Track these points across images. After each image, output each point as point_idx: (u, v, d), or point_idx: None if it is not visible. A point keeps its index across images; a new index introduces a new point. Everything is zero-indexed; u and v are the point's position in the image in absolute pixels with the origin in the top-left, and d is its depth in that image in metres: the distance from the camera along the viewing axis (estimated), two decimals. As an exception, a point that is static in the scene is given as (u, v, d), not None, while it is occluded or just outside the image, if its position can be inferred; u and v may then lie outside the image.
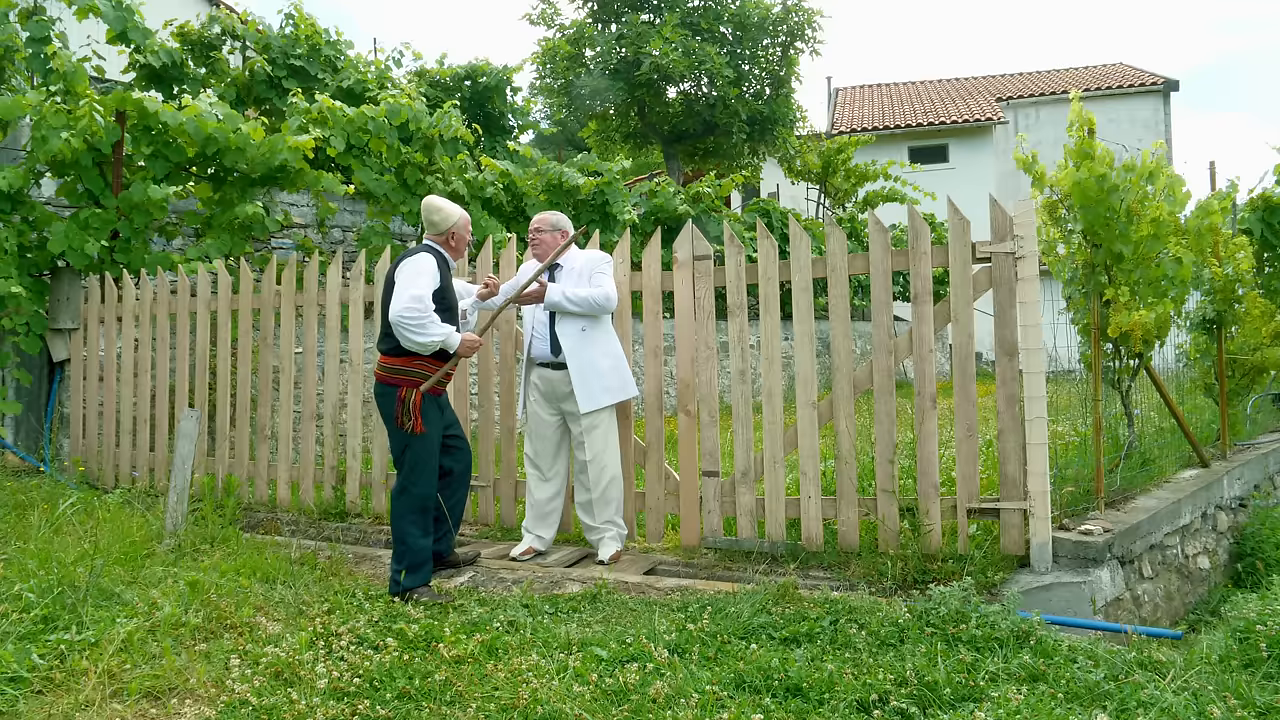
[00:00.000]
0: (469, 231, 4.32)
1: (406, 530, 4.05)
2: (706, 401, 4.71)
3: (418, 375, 4.08)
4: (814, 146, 17.07)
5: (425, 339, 3.92)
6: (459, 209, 4.31)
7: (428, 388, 4.03)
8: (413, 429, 4.04)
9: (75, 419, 6.78)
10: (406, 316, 3.89)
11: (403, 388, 4.07)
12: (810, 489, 4.48)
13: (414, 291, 3.94)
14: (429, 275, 4.04)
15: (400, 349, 4.09)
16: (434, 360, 4.10)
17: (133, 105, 6.95)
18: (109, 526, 4.85)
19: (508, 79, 12.19)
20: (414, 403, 4.03)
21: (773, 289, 4.64)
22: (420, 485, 4.07)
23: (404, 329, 3.92)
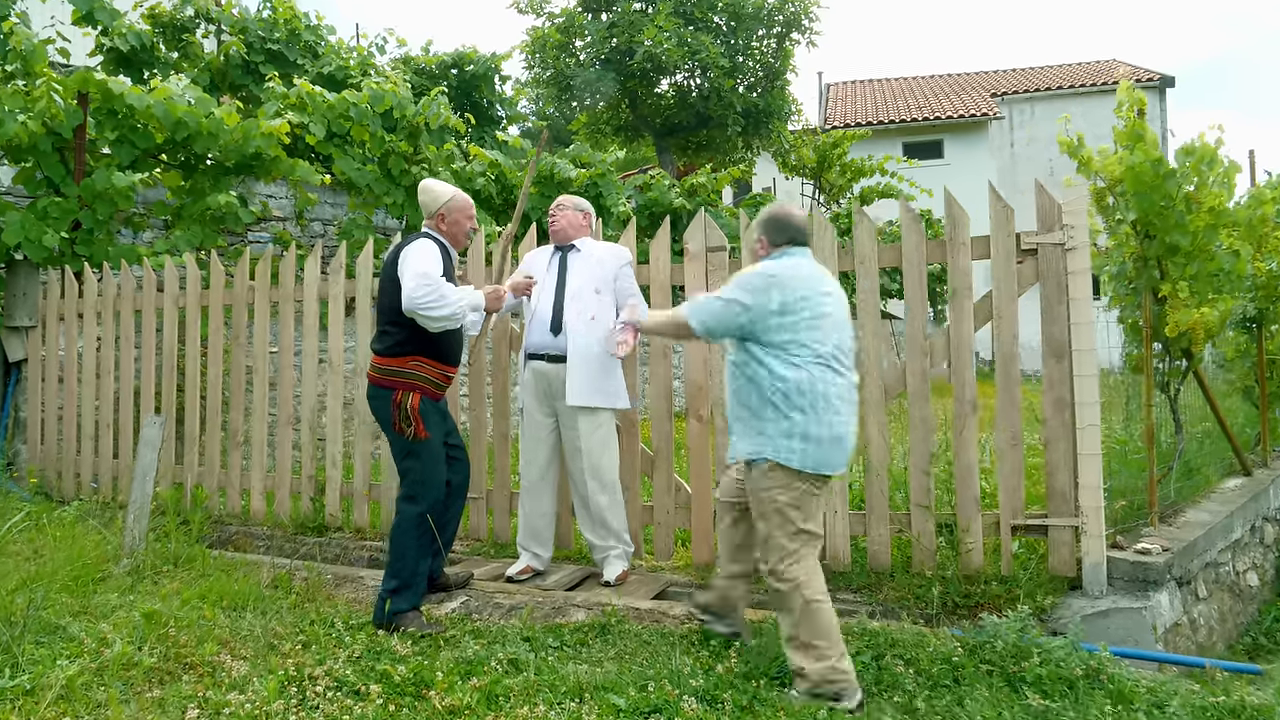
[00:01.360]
0: (467, 214, 3.88)
1: (408, 546, 3.62)
2: (721, 406, 4.29)
3: (414, 377, 3.67)
4: (809, 141, 16.67)
5: (448, 310, 3.52)
6: (451, 188, 3.89)
7: (461, 361, 3.73)
8: (414, 435, 3.62)
9: (33, 423, 6.30)
10: (418, 296, 3.48)
11: (398, 391, 3.65)
12: (836, 503, 4.07)
13: (418, 269, 3.54)
14: (435, 259, 3.64)
15: (395, 348, 3.68)
16: (432, 360, 3.68)
17: (96, 87, 6.46)
18: (61, 545, 4.39)
19: (496, 67, 11.73)
20: (412, 406, 3.61)
21: (795, 283, 4.22)
22: (429, 495, 3.66)
23: (421, 310, 3.50)
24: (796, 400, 2.90)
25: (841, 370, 3.00)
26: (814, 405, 2.90)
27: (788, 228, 3.17)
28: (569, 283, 4.20)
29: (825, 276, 3.13)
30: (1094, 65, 25.98)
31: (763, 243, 3.21)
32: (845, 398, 2.99)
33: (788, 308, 2.95)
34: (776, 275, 3.00)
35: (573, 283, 4.18)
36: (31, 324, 6.31)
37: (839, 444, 2.94)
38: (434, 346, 3.68)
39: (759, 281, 3.00)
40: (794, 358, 2.93)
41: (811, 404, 2.90)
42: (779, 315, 2.94)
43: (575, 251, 4.28)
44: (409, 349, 3.67)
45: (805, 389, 2.90)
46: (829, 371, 2.96)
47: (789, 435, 2.90)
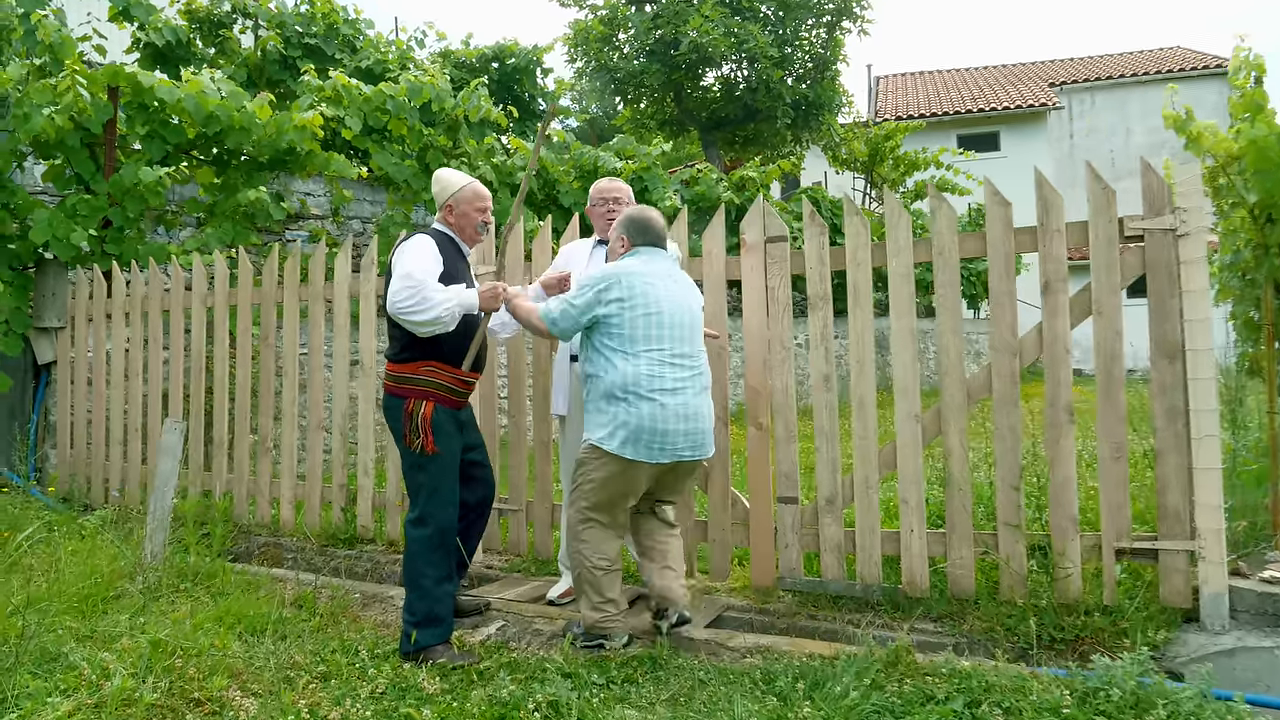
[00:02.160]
0: (478, 204, 3.51)
1: (421, 571, 3.30)
2: (782, 412, 3.90)
3: (427, 384, 3.33)
4: (860, 134, 16.11)
5: (433, 313, 3.16)
6: (464, 177, 3.54)
7: (468, 365, 3.34)
8: (422, 448, 3.29)
9: (62, 427, 6.10)
10: (399, 301, 3.16)
11: (410, 399, 3.31)
12: (913, 520, 3.65)
13: (403, 269, 3.21)
14: (426, 257, 3.29)
15: (404, 353, 3.36)
16: (446, 365, 3.34)
17: (126, 80, 6.24)
18: (77, 559, 4.13)
19: (537, 60, 11.41)
20: (423, 416, 3.28)
21: (864, 276, 3.81)
22: (439, 516, 3.32)
23: (403, 315, 3.18)
24: (624, 391, 3.15)
25: (676, 363, 3.23)
26: (639, 396, 3.14)
27: (648, 230, 3.39)
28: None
29: (672, 275, 3.35)
30: (1157, 53, 24.98)
31: (624, 241, 3.42)
32: (678, 389, 3.20)
33: (624, 304, 3.19)
34: (615, 273, 3.23)
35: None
36: (60, 325, 6.12)
37: (662, 436, 3.16)
38: (447, 350, 3.32)
39: (597, 280, 3.22)
40: (627, 351, 3.18)
41: (638, 395, 3.14)
42: (617, 312, 3.19)
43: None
44: (418, 353, 3.33)
45: (634, 381, 3.15)
46: (664, 366, 3.19)
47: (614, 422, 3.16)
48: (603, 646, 3.25)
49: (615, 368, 3.19)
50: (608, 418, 3.19)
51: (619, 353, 3.20)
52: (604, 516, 3.29)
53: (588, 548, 3.29)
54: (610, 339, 3.22)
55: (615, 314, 3.20)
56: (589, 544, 3.29)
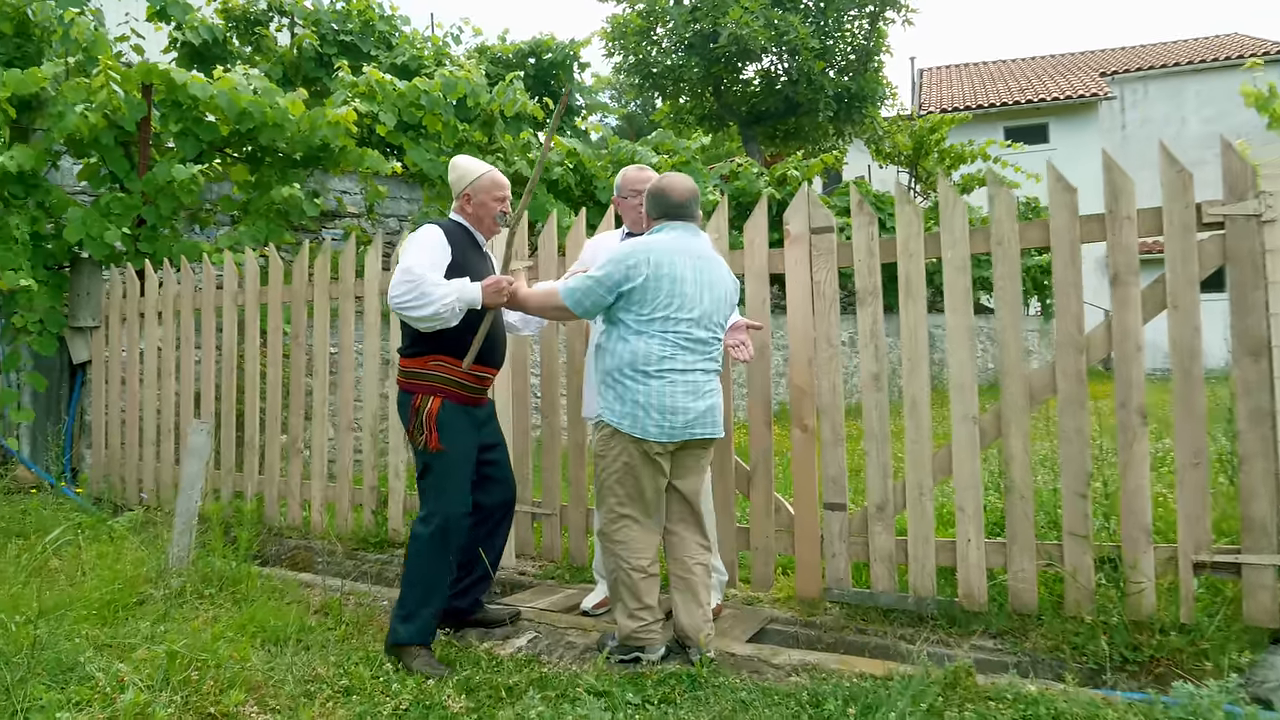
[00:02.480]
0: (496, 194, 3.33)
1: (415, 572, 3.17)
2: (829, 413, 3.68)
3: (435, 379, 3.19)
4: (904, 126, 15.72)
5: (431, 308, 3.01)
6: (482, 165, 3.38)
7: (468, 364, 3.14)
8: (426, 445, 3.15)
9: (97, 427, 6.07)
10: (396, 295, 3.02)
11: (418, 395, 3.19)
12: (970, 530, 3.41)
13: (405, 263, 3.08)
14: (430, 248, 3.14)
15: (413, 348, 3.23)
16: (456, 360, 3.18)
17: (159, 77, 6.20)
18: (103, 563, 4.05)
19: (574, 54, 11.26)
20: (429, 413, 3.14)
21: (917, 268, 3.57)
22: (442, 516, 3.16)
23: (402, 310, 3.05)
24: (633, 369, 3.01)
25: (691, 348, 3.07)
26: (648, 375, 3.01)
27: (662, 202, 3.18)
28: None
29: (702, 254, 3.14)
30: (1213, 40, 24.16)
31: (647, 220, 3.25)
32: (688, 370, 3.06)
33: (647, 280, 3.00)
34: (642, 247, 3.04)
35: None
36: (95, 324, 6.09)
37: (671, 413, 3.02)
38: (455, 343, 3.16)
39: (624, 254, 3.04)
40: (642, 329, 3.02)
41: (646, 374, 3.01)
42: (640, 286, 3.00)
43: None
44: (426, 348, 3.19)
45: (644, 359, 3.01)
46: (677, 348, 3.03)
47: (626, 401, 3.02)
48: (638, 659, 3.09)
49: (627, 343, 3.04)
50: (614, 395, 3.05)
51: (633, 329, 3.04)
52: (637, 510, 3.10)
53: (624, 549, 3.09)
54: (627, 313, 3.04)
55: (637, 289, 3.01)
56: (625, 544, 3.09)
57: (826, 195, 13.57)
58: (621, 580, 3.10)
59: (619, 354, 3.05)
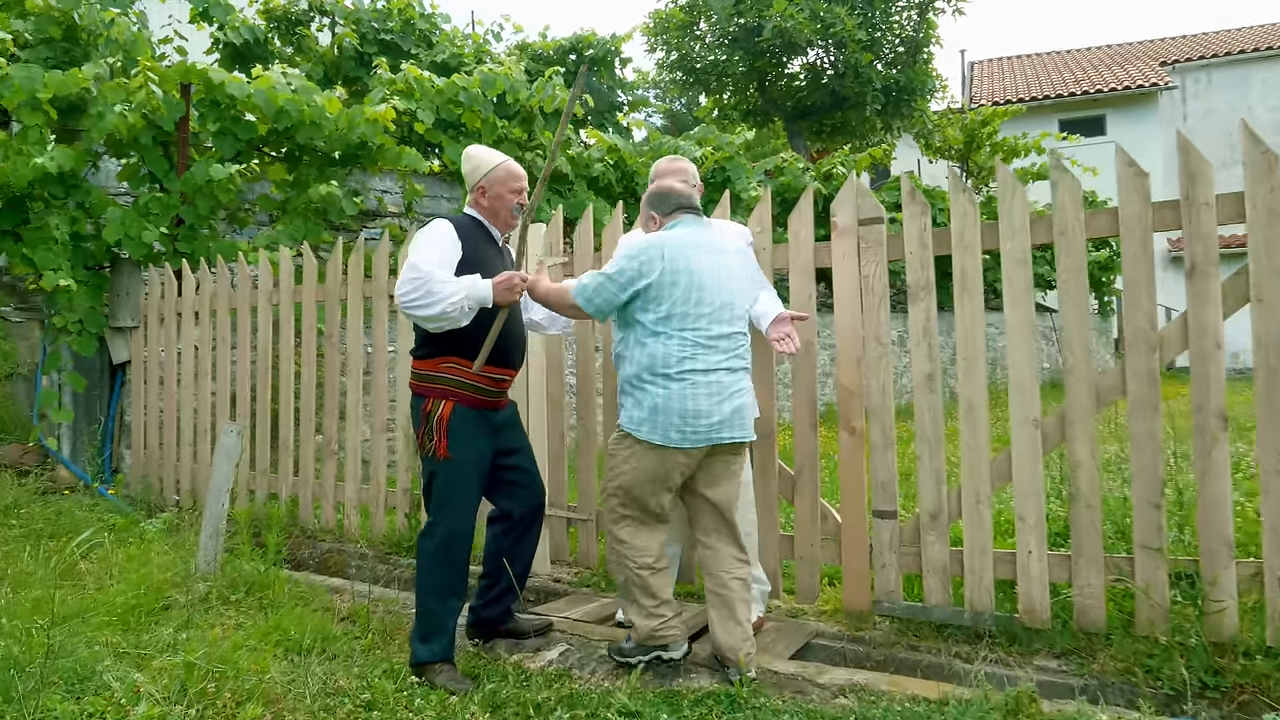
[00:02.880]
0: (513, 185, 3.15)
1: (425, 585, 3.04)
2: (879, 415, 3.46)
3: (447, 382, 3.04)
4: (955, 119, 15.31)
5: (438, 308, 2.86)
6: (497, 155, 3.21)
7: (479, 365, 2.97)
8: (434, 452, 3.00)
9: (136, 428, 6.06)
10: (402, 294, 2.88)
11: (429, 399, 3.04)
12: (1031, 540, 3.18)
13: (412, 260, 2.93)
14: (439, 243, 2.99)
15: (424, 349, 3.09)
16: (469, 362, 3.02)
17: (197, 77, 6.18)
18: (132, 566, 3.98)
19: (616, 50, 11.10)
20: (439, 417, 2.99)
21: (973, 261, 3.34)
22: (447, 527, 3.02)
23: (408, 310, 2.91)
24: (652, 373, 2.87)
25: (713, 345, 2.92)
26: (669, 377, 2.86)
27: (669, 200, 3.08)
28: None
29: (714, 246, 3.01)
30: (1277, 27, 23.22)
31: (654, 219, 3.11)
32: (711, 370, 2.91)
33: (664, 278, 2.86)
34: (658, 243, 2.89)
35: None
36: (134, 324, 6.08)
37: (694, 417, 2.87)
38: (468, 344, 3.00)
39: (638, 250, 2.90)
40: (659, 329, 2.87)
41: (667, 376, 2.86)
42: (656, 284, 2.86)
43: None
44: (437, 348, 3.04)
45: (664, 362, 2.86)
46: (698, 348, 2.89)
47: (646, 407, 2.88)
48: (659, 659, 2.97)
49: (644, 346, 2.89)
50: (633, 401, 2.92)
51: (649, 330, 2.89)
52: (637, 511, 2.98)
53: (628, 548, 2.98)
54: (644, 314, 2.89)
55: (653, 285, 2.86)
56: (629, 544, 2.98)
57: (875, 190, 13.24)
58: (632, 581, 2.98)
59: (636, 359, 2.91)
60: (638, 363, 2.91)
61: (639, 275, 2.87)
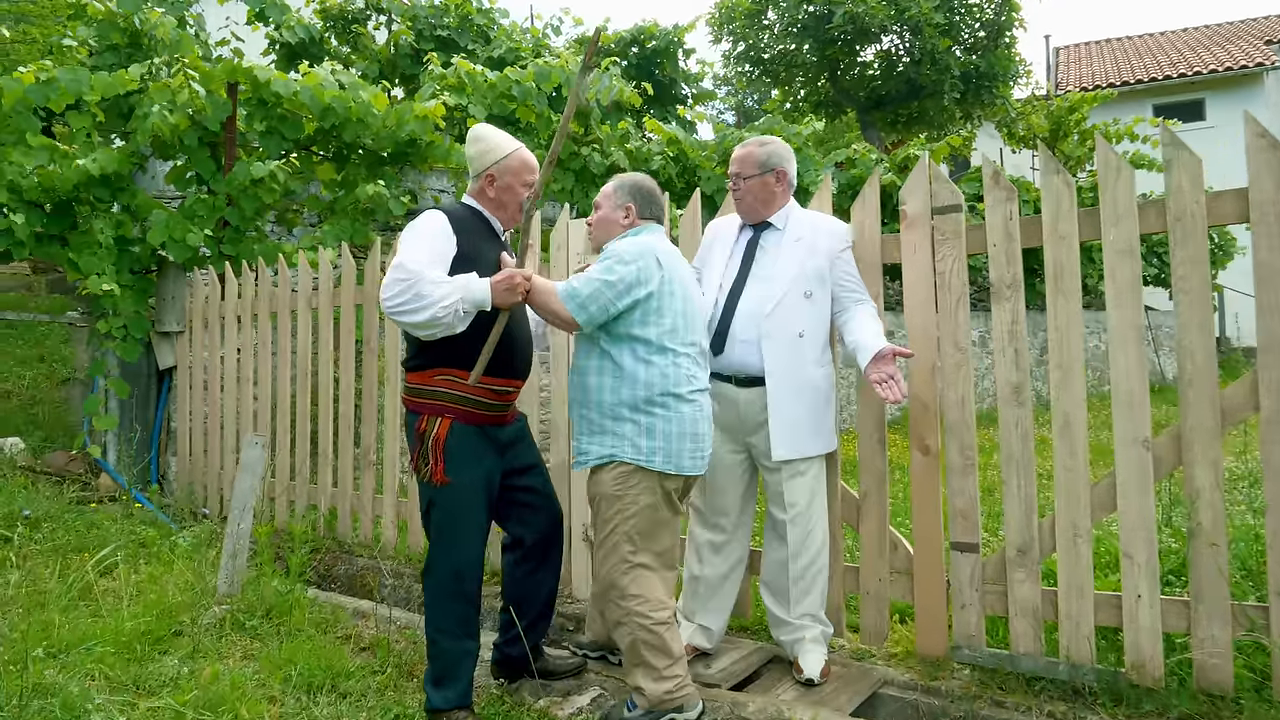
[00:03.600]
0: (526, 177, 2.80)
1: (434, 625, 2.71)
2: (957, 432, 3.02)
3: (443, 397, 2.68)
4: (1040, 106, 14.47)
5: (428, 313, 2.48)
6: (510, 140, 2.84)
7: (476, 377, 2.61)
8: (429, 476, 2.65)
9: (182, 435, 5.94)
10: (388, 297, 2.51)
11: (423, 415, 2.69)
12: (1140, 583, 2.70)
13: (399, 258, 2.56)
14: (429, 237, 2.63)
15: (417, 360, 2.73)
16: (467, 373, 2.66)
17: (243, 75, 6.03)
18: (153, 585, 3.79)
19: (679, 40, 10.72)
20: (435, 437, 2.64)
21: (1069, 253, 2.88)
22: (450, 561, 2.68)
23: (396, 316, 2.53)
24: (663, 394, 2.66)
25: (702, 362, 2.80)
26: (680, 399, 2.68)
27: (655, 203, 2.88)
28: (755, 278, 3.06)
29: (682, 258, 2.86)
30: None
31: (630, 210, 2.83)
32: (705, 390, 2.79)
33: (663, 289, 2.67)
34: (651, 251, 2.69)
35: (760, 285, 3.04)
36: (180, 329, 5.96)
37: (698, 440, 2.72)
38: (466, 353, 2.64)
39: (635, 255, 2.66)
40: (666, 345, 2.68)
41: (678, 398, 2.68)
42: (658, 297, 2.66)
43: (773, 231, 3.12)
44: (431, 359, 2.68)
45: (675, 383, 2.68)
46: (695, 365, 2.75)
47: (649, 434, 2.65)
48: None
49: (650, 365, 2.65)
50: (637, 428, 2.63)
51: (657, 347, 2.65)
52: (650, 556, 2.68)
53: (640, 602, 2.63)
54: (646, 329, 2.65)
55: (655, 297, 2.64)
56: (641, 597, 2.63)
57: (953, 182, 12.57)
58: (642, 640, 2.62)
59: (643, 379, 2.64)
60: (643, 384, 2.64)
61: (637, 282, 2.62)
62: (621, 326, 2.65)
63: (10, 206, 5.47)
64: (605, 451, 2.69)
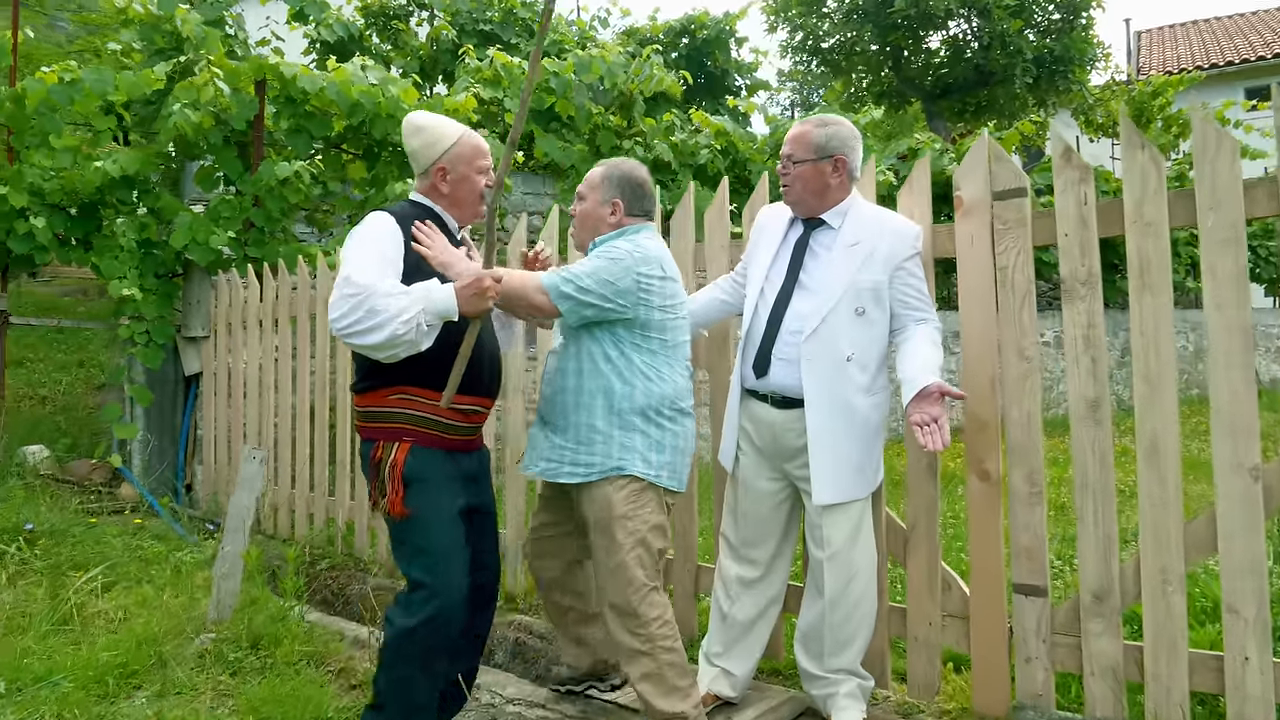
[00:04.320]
0: (479, 164, 2.45)
1: (392, 679, 2.32)
2: (1023, 455, 2.57)
3: (400, 418, 2.33)
4: (1121, 91, 13.62)
5: (386, 331, 2.13)
6: (454, 125, 2.47)
7: (448, 399, 2.27)
8: (387, 510, 2.31)
9: (207, 443, 5.78)
10: (338, 319, 2.16)
11: (378, 442, 2.34)
12: (1249, 642, 2.23)
13: (341, 275, 2.22)
14: (375, 242, 2.28)
15: (367, 381, 2.38)
16: (426, 391, 2.32)
17: (270, 72, 5.84)
18: (144, 609, 3.55)
19: (730, 29, 10.30)
20: (393, 464, 2.29)
21: (1157, 242, 2.41)
22: (434, 604, 2.28)
23: (350, 340, 2.18)
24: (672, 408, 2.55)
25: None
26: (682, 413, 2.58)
27: (646, 197, 2.65)
28: (801, 288, 2.64)
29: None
30: None
31: (618, 207, 2.59)
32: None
33: (667, 294, 2.53)
34: (655, 257, 2.52)
35: (805, 297, 2.62)
36: (205, 334, 5.79)
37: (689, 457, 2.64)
38: (427, 367, 2.28)
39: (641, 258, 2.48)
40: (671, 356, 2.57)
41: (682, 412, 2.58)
42: (660, 304, 2.52)
43: (826, 231, 2.69)
44: (384, 378, 2.33)
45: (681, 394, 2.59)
46: (689, 379, 2.65)
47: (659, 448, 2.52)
48: None
49: (660, 375, 2.52)
50: (648, 440, 2.49)
51: (661, 355, 2.53)
52: (658, 577, 2.56)
53: (659, 624, 2.47)
54: (650, 339, 2.51)
55: (660, 303, 2.50)
56: (659, 618, 2.48)
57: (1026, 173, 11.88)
58: (667, 664, 2.45)
59: (648, 390, 2.49)
60: (652, 395, 2.49)
61: (638, 287, 2.44)
62: (623, 330, 2.48)
63: (32, 210, 5.36)
64: (612, 464, 2.47)
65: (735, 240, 3.37)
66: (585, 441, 2.49)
